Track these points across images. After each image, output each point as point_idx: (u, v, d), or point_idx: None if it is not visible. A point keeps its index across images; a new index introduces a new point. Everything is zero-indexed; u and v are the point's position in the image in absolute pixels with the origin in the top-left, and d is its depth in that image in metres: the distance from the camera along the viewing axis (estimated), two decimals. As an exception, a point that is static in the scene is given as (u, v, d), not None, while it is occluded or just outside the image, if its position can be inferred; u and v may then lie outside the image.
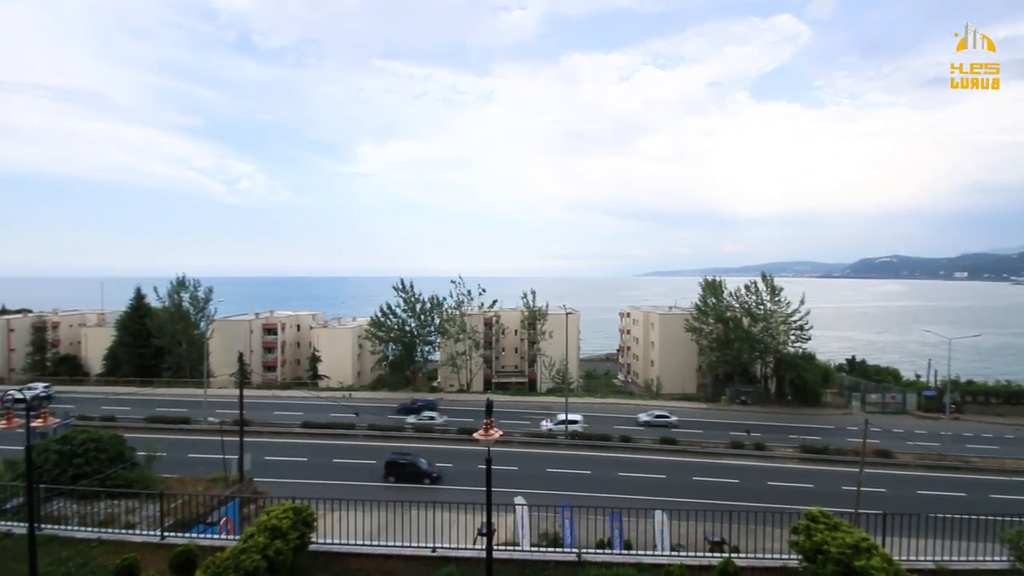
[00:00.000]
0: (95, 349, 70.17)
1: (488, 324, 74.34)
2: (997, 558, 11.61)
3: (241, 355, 32.53)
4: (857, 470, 26.79)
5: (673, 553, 12.41)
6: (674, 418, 47.24)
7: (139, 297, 67.71)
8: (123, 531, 13.19)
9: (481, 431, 9.84)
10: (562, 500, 22.25)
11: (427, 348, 68.80)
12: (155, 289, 66.43)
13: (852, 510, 19.56)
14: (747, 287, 61.98)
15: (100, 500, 15.71)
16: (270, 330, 75.17)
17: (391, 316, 66.18)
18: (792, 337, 59.63)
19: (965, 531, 12.64)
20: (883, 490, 30.45)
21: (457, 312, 67.71)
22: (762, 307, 60.30)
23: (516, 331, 77.40)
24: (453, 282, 69.60)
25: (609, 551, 12.65)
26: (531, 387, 71.93)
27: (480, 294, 70.28)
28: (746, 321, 60.74)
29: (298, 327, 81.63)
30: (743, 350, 58.82)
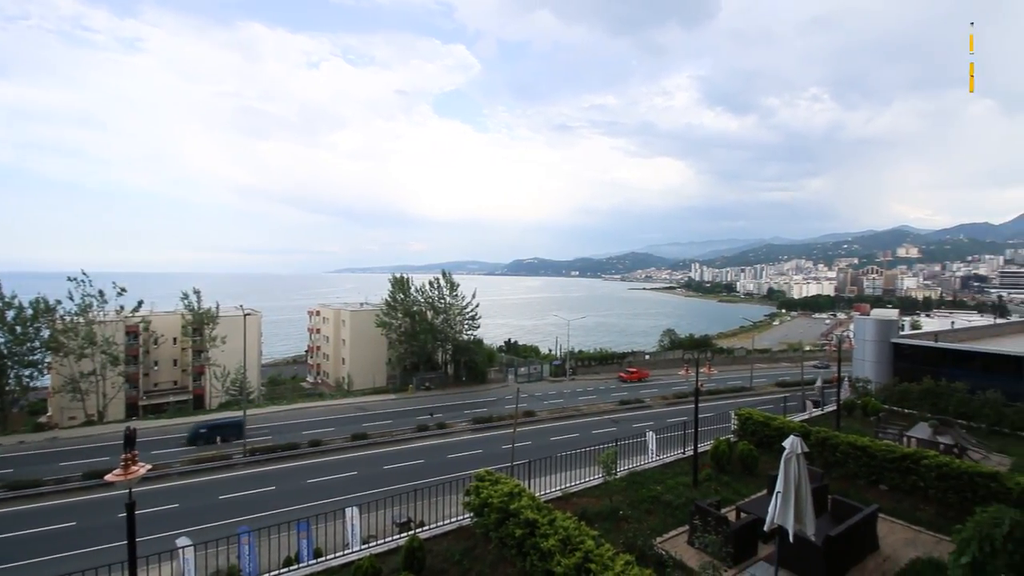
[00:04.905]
0: None
1: (133, 333, 59.05)
2: (597, 477, 16.12)
3: None
4: (512, 431, 32.87)
5: (364, 546, 12.57)
6: None
7: None
8: None
9: (118, 469, 7.76)
10: (240, 526, 19.68)
11: (28, 372, 49.35)
12: None
13: (509, 464, 23.87)
14: (431, 283, 68.32)
15: None
16: None
17: (-48, 331, 44.99)
18: (466, 326, 68.56)
19: (579, 462, 17.12)
20: (529, 443, 38.09)
21: (81, 320, 51.24)
22: (443, 301, 67.46)
23: (176, 339, 63.98)
24: (74, 280, 52.28)
25: (296, 566, 11.89)
26: (198, 404, 60.87)
27: (118, 295, 54.92)
28: (430, 314, 66.82)
29: None
30: (427, 340, 64.58)
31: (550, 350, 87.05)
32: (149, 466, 8.60)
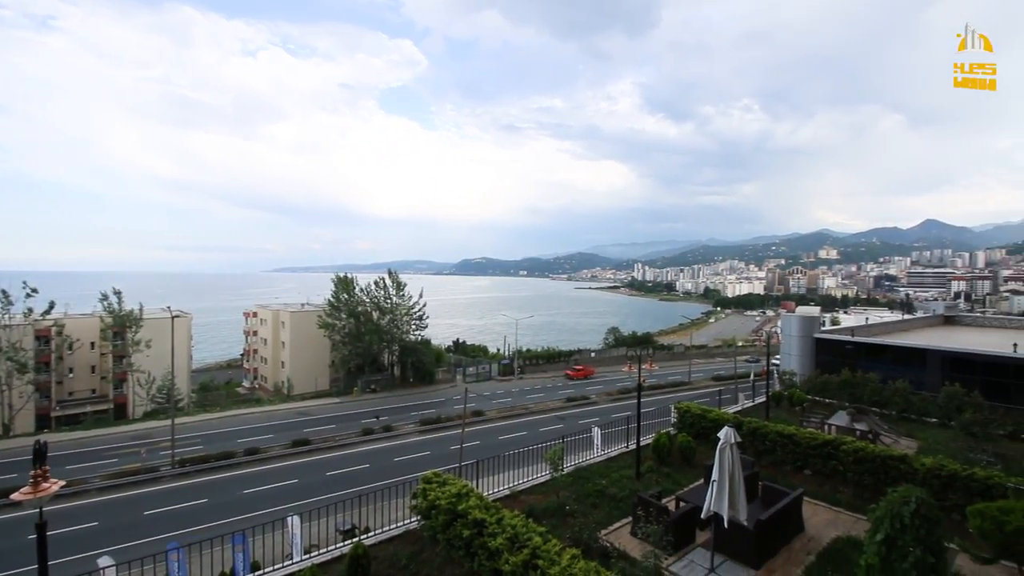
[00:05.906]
0: None
1: (44, 337, 54.00)
2: (544, 474, 16.32)
3: None
4: (461, 431, 32.70)
5: (305, 556, 12.12)
6: None
7: None
8: None
9: (27, 487, 7.08)
10: (169, 541, 18.46)
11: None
12: None
13: (457, 465, 23.73)
14: (376, 283, 66.73)
15: None
16: None
17: None
18: (413, 326, 67.50)
19: (527, 460, 17.27)
20: (478, 442, 38.06)
21: (-21, 324, 46.31)
22: (389, 301, 66.08)
23: (94, 344, 59.04)
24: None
25: (232, 580, 11.29)
26: (120, 413, 56.54)
27: (27, 296, 49.99)
28: (376, 314, 65.27)
29: None
30: (373, 342, 63.05)
31: (498, 349, 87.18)
32: (63, 482, 7.90)
